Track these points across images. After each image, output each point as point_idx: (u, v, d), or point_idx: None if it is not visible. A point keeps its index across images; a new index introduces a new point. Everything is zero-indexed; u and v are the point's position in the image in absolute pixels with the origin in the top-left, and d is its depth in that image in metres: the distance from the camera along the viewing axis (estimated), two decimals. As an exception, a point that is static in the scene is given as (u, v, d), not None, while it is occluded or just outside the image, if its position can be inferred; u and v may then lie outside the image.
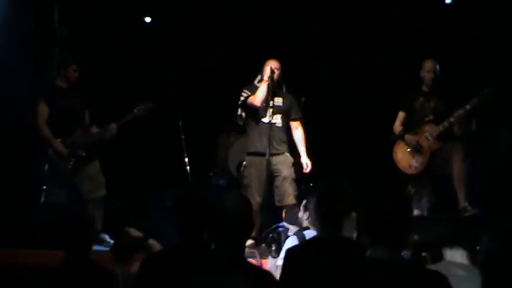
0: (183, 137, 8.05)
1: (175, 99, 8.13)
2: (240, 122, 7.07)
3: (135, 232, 4.51)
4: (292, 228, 5.55)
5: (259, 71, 6.89)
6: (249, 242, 6.00)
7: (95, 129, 6.92)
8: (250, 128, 6.98)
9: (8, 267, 4.59)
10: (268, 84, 6.68)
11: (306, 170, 6.89)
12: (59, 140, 6.70)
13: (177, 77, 8.57)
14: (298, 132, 6.98)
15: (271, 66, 6.72)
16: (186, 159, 8.00)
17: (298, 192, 6.74)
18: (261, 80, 6.83)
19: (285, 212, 6.65)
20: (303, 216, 5.14)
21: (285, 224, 5.99)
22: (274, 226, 6.46)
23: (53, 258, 4.16)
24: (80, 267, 3.95)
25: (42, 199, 6.78)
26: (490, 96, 6.40)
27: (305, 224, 5.10)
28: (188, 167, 7.98)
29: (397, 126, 7.02)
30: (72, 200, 6.74)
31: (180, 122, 8.08)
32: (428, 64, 6.86)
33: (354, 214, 3.98)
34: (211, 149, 8.51)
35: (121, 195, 7.34)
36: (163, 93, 8.03)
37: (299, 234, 4.83)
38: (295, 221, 5.59)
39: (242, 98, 6.88)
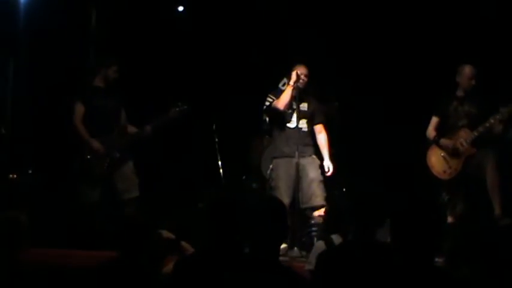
0: (216, 140, 8.07)
1: (210, 102, 8.15)
2: (265, 127, 7.08)
3: (167, 234, 4.53)
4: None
5: (287, 74, 6.86)
6: (282, 245, 5.98)
7: (131, 129, 6.95)
8: (276, 133, 6.94)
9: (51, 268, 4.63)
10: (293, 89, 6.67)
11: (327, 173, 6.84)
12: (95, 139, 6.72)
13: (211, 80, 8.59)
14: (321, 136, 6.94)
15: (297, 72, 6.69)
16: (220, 162, 8.02)
17: (326, 194, 6.70)
18: (286, 84, 6.82)
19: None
20: None
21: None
22: (307, 230, 6.45)
23: (95, 259, 4.18)
24: (133, 268, 3.96)
25: (76, 199, 6.83)
26: None
27: None
28: (221, 170, 8.00)
29: (431, 132, 6.95)
30: (106, 200, 6.78)
31: (214, 125, 8.11)
32: (467, 70, 6.76)
33: (388, 219, 3.98)
34: (244, 152, 8.52)
35: (154, 197, 7.37)
36: (197, 96, 8.05)
37: (327, 239, 4.81)
38: None
39: (267, 103, 6.87)
